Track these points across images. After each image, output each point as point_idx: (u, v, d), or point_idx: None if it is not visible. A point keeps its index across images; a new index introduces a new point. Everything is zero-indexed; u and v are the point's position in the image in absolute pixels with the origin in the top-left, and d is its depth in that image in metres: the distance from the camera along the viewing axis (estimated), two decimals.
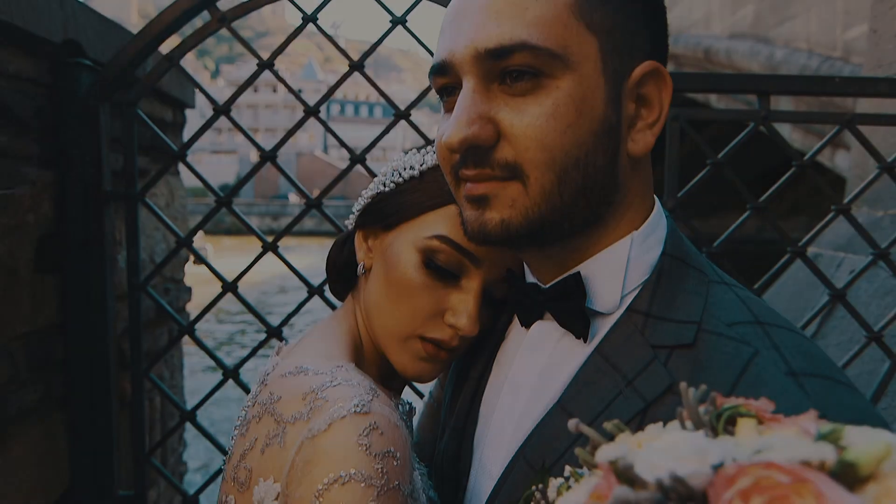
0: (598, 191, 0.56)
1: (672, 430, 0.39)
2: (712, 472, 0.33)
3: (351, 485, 0.57)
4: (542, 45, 0.52)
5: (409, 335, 0.71)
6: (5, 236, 1.16)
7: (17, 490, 1.23)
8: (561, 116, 0.53)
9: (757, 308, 0.57)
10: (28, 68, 1.23)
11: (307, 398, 0.63)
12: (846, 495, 0.30)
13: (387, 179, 0.76)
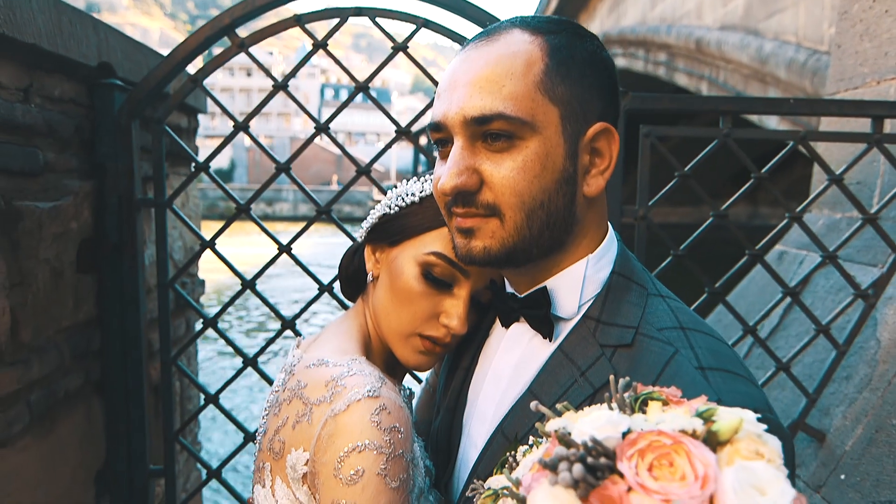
0: (559, 225, 0.72)
1: (602, 409, 0.55)
2: (621, 437, 0.49)
3: (366, 452, 0.72)
4: (514, 115, 0.68)
5: (410, 333, 0.86)
6: (54, 242, 1.31)
7: (65, 465, 1.39)
8: (529, 169, 0.69)
9: (682, 316, 0.73)
10: (69, 91, 1.37)
11: (329, 385, 0.78)
12: (707, 453, 0.47)
13: (392, 203, 0.89)
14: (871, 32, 1.94)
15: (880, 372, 1.56)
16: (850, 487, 1.46)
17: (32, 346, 1.26)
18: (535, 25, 0.73)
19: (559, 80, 0.69)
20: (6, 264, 1.17)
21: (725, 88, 9.31)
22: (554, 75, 0.69)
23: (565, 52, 0.70)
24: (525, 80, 0.69)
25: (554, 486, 0.47)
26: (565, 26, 0.73)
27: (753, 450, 0.48)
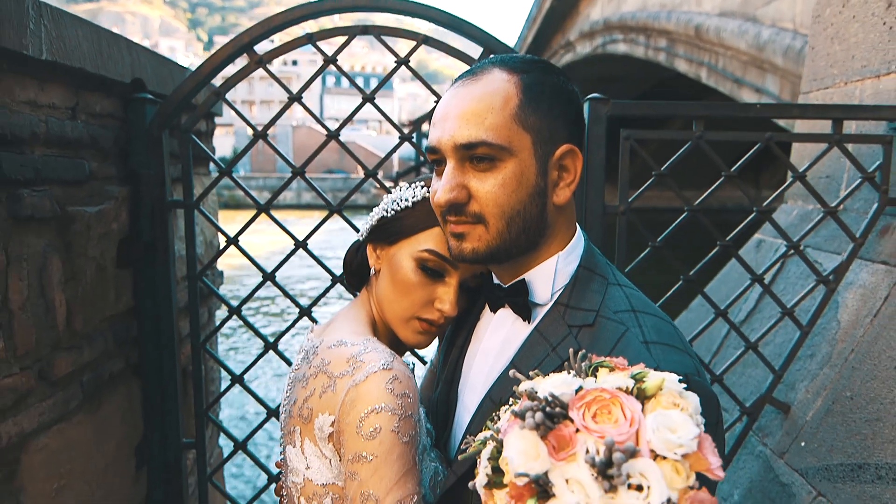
0: (533, 229, 0.88)
1: (562, 374, 0.72)
2: (574, 394, 0.66)
3: (382, 413, 0.89)
4: (495, 142, 0.84)
5: (410, 317, 1.02)
6: (99, 242, 1.48)
7: (111, 438, 1.57)
8: (508, 185, 0.85)
9: (635, 301, 0.89)
10: (108, 106, 1.54)
11: (350, 361, 0.95)
12: (635, 403, 0.64)
13: (388, 207, 1.04)
14: (840, 36, 2.08)
15: (839, 350, 1.72)
16: (809, 453, 1.63)
17: (83, 333, 1.44)
18: (512, 65, 0.89)
19: (531, 112, 0.85)
20: (62, 262, 1.35)
21: (724, 75, 9.41)
22: (526, 108, 0.85)
23: (536, 88, 0.86)
24: (503, 113, 0.85)
25: (522, 430, 0.64)
26: (537, 65, 0.89)
27: (672, 402, 0.65)
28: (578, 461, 0.60)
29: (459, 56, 1.63)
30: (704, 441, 0.63)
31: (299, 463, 0.98)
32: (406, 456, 0.89)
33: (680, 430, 0.63)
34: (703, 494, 0.60)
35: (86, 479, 1.46)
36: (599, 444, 0.60)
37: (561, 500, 0.60)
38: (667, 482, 0.58)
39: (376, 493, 0.87)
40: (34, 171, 1.25)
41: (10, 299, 1.19)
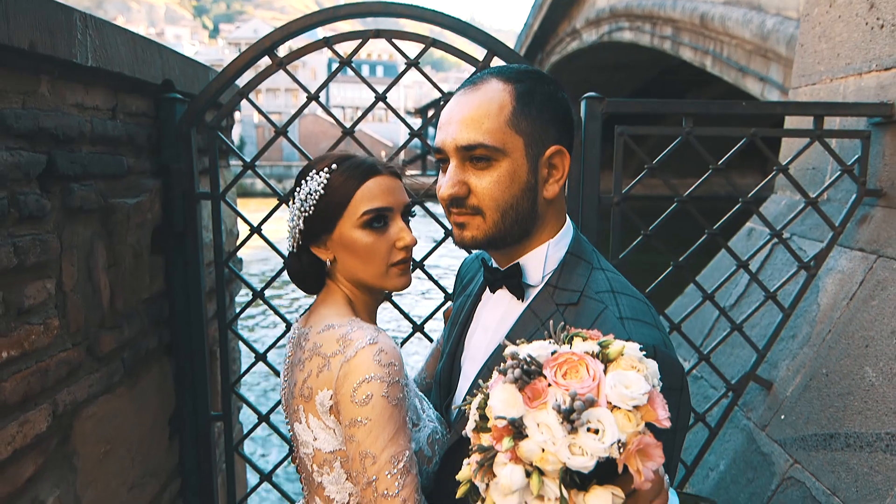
0: (524, 220, 1.01)
1: (541, 341, 0.85)
2: (549, 356, 0.80)
3: (372, 382, 1.00)
4: (491, 145, 0.97)
5: (385, 270, 1.12)
6: (136, 230, 1.62)
7: (148, 410, 1.73)
8: (502, 182, 0.98)
9: (614, 284, 1.02)
10: (141, 106, 1.67)
11: (339, 341, 1.04)
12: (598, 365, 0.77)
13: (306, 207, 1.10)
14: (826, 35, 2.19)
15: (818, 331, 1.85)
16: (787, 425, 1.77)
17: (123, 313, 1.58)
18: (508, 75, 1.01)
19: (523, 118, 0.98)
20: (105, 249, 1.49)
21: (729, 63, 9.45)
22: (519, 114, 0.98)
23: (528, 96, 0.99)
24: (499, 119, 0.97)
25: (504, 384, 0.78)
26: (530, 76, 1.02)
27: (630, 365, 0.78)
28: (548, 409, 0.74)
29: (464, 57, 1.76)
30: (655, 397, 0.76)
31: (307, 436, 1.10)
32: (396, 417, 1.01)
33: (633, 386, 0.76)
34: (648, 438, 0.73)
35: (127, 446, 1.61)
36: (565, 396, 0.74)
37: (532, 440, 0.74)
38: (619, 427, 0.72)
39: (373, 451, 0.99)
40: (82, 167, 1.39)
41: (64, 282, 1.34)
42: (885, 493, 1.38)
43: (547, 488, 0.75)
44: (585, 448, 0.73)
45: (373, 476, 0.99)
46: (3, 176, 1.15)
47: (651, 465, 0.76)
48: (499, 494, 0.78)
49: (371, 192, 1.10)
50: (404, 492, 0.99)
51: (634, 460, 0.75)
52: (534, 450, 0.75)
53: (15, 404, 1.19)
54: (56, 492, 1.32)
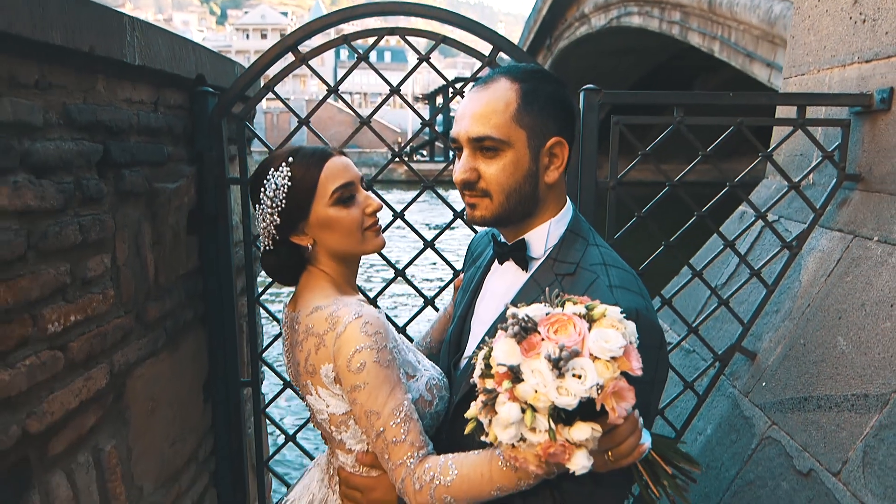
0: (526, 203, 1.17)
1: (538, 304, 1.02)
2: (544, 315, 0.96)
3: (363, 351, 1.13)
4: (497, 137, 1.12)
5: (362, 234, 1.25)
6: (175, 213, 1.80)
7: (185, 375, 1.91)
8: (507, 169, 1.14)
9: (606, 258, 1.18)
10: (178, 99, 1.84)
11: (328, 320, 1.17)
12: (583, 323, 0.94)
13: (277, 201, 1.21)
14: (814, 28, 2.31)
15: (798, 305, 2.01)
16: (768, 391, 1.93)
17: (165, 287, 1.76)
18: (515, 75, 1.16)
19: (526, 114, 1.14)
20: (150, 229, 1.66)
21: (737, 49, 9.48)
22: (523, 111, 1.14)
23: (531, 95, 1.14)
24: (504, 115, 1.13)
25: (505, 338, 0.95)
26: (535, 75, 1.17)
27: (610, 325, 0.94)
28: (540, 358, 0.91)
29: (472, 52, 1.91)
30: (630, 351, 0.93)
31: (320, 405, 1.26)
32: (390, 376, 1.16)
33: (612, 341, 0.93)
34: (622, 383, 0.90)
35: (169, 406, 1.80)
36: (555, 348, 0.90)
37: (527, 383, 0.91)
38: (598, 373, 0.89)
39: (376, 409, 1.15)
40: (131, 155, 1.56)
41: (117, 257, 1.51)
42: (849, 446, 1.55)
43: (538, 422, 0.92)
44: (570, 390, 0.90)
45: (380, 428, 1.15)
46: (70, 163, 1.32)
47: (624, 405, 0.93)
48: (499, 428, 0.95)
49: (333, 172, 1.23)
50: (410, 436, 1.15)
51: (610, 400, 0.92)
52: (528, 391, 0.92)
53: (80, 362, 1.37)
54: (112, 441, 1.51)
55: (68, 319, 1.33)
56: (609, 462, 1.00)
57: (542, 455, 0.93)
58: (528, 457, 0.96)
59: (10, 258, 1.16)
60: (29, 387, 1.21)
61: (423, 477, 1.13)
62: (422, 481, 1.13)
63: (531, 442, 0.93)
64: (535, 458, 0.95)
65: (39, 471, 1.27)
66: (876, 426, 1.50)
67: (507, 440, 0.94)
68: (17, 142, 1.18)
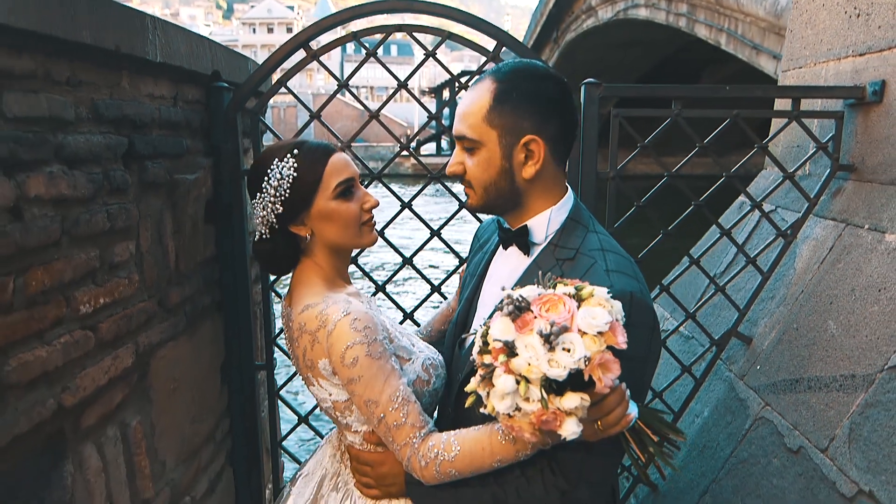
0: (506, 195, 1.24)
1: (532, 286, 1.09)
2: (537, 295, 1.04)
3: (355, 346, 1.19)
4: (471, 137, 1.21)
5: (359, 228, 1.33)
6: (194, 203, 1.88)
7: (203, 358, 2.00)
8: (481, 166, 1.22)
9: (605, 243, 1.26)
10: (195, 94, 1.92)
11: (318, 318, 1.23)
12: (573, 302, 1.02)
13: (281, 192, 1.27)
14: (812, 22, 2.37)
15: (792, 292, 2.07)
16: (762, 374, 2.00)
17: (184, 274, 1.85)
18: (497, 76, 1.23)
19: (496, 114, 1.21)
20: (171, 218, 1.75)
21: (743, 41, 9.48)
22: (493, 111, 1.20)
23: (504, 95, 1.20)
24: (477, 116, 1.21)
25: (501, 317, 1.03)
26: (516, 74, 1.22)
27: (598, 303, 1.02)
28: (533, 334, 0.99)
29: (477, 48, 1.98)
30: (616, 327, 1.00)
31: (324, 394, 1.34)
32: (383, 366, 1.23)
33: (598, 318, 1.00)
34: (608, 356, 0.98)
35: (188, 386, 1.89)
36: (546, 324, 0.98)
37: (521, 357, 0.99)
38: (585, 347, 0.97)
39: (373, 398, 1.22)
40: (153, 148, 1.64)
41: (141, 244, 1.60)
42: (836, 424, 1.62)
43: (531, 392, 1.00)
44: (560, 362, 0.98)
45: (381, 414, 1.23)
46: (98, 155, 1.41)
47: (610, 375, 1.01)
48: (497, 399, 1.03)
49: (336, 167, 1.30)
50: (409, 418, 1.23)
51: (597, 371, 0.99)
52: (522, 364, 1.00)
53: (109, 342, 1.47)
54: (138, 417, 1.60)
55: (98, 301, 1.42)
56: (599, 431, 1.08)
57: (535, 423, 1.01)
58: (523, 425, 1.04)
59: (47, 243, 1.25)
60: (64, 363, 1.30)
61: (427, 454, 1.21)
62: (427, 458, 1.21)
63: (525, 411, 1.00)
64: (530, 427, 1.03)
65: (73, 442, 1.36)
66: (862, 404, 1.57)
67: (504, 410, 1.02)
68: (52, 135, 1.27)
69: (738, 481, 1.87)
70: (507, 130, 1.21)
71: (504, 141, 1.22)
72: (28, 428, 1.21)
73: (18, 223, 1.18)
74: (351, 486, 1.41)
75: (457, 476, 1.21)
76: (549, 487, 1.19)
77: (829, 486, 1.55)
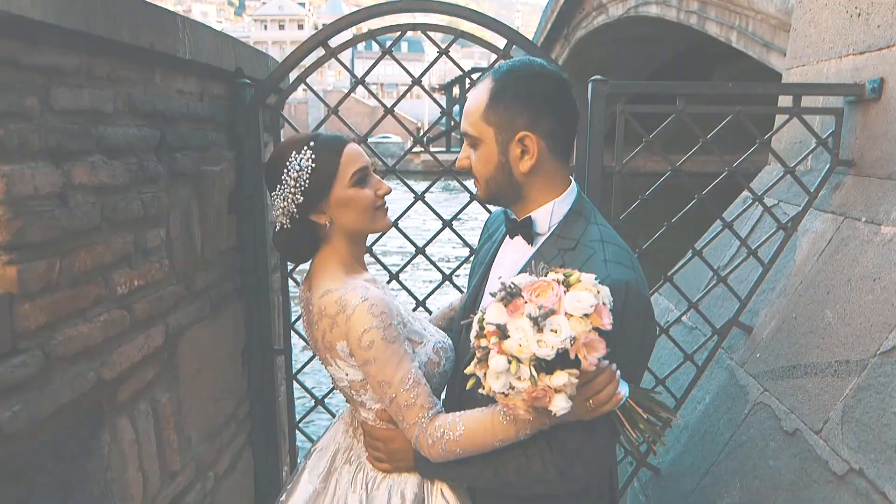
0: (506, 188, 1.32)
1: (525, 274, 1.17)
2: (528, 282, 1.12)
3: (371, 330, 1.26)
4: (472, 134, 1.29)
5: (373, 213, 1.40)
6: (218, 193, 1.98)
7: (226, 341, 2.11)
8: (480, 161, 1.30)
9: (604, 235, 1.33)
10: (220, 90, 2.02)
11: (338, 302, 1.30)
12: (561, 288, 1.10)
13: (301, 182, 1.33)
14: (815, 21, 2.43)
15: (792, 283, 2.14)
16: (761, 361, 2.08)
17: (209, 261, 1.95)
18: (496, 76, 1.30)
19: (492, 112, 1.28)
20: (197, 207, 1.85)
21: (754, 39, 9.48)
22: (489, 109, 1.28)
23: (500, 94, 1.28)
24: (476, 114, 1.30)
25: (495, 303, 1.11)
26: (513, 73, 1.29)
27: (584, 288, 1.09)
28: (523, 317, 1.06)
29: (488, 46, 2.06)
30: (602, 309, 1.08)
31: (341, 374, 1.42)
32: (396, 349, 1.30)
33: (584, 301, 1.08)
34: (593, 336, 1.06)
35: (212, 367, 1.99)
36: (535, 308, 1.06)
37: (512, 338, 1.07)
38: (572, 328, 1.04)
39: (387, 379, 1.30)
40: (182, 141, 1.74)
41: (171, 231, 1.70)
42: (830, 407, 1.69)
43: (522, 371, 1.08)
44: (548, 342, 1.05)
45: (392, 395, 1.32)
46: (134, 146, 1.51)
47: (595, 354, 1.08)
48: (492, 378, 1.11)
49: (351, 157, 1.38)
50: (419, 399, 1.31)
51: (582, 350, 1.07)
52: (513, 345, 1.07)
53: (142, 322, 1.57)
54: (167, 394, 1.70)
55: (133, 284, 1.52)
56: (591, 409, 1.15)
57: (528, 400, 1.08)
58: (518, 403, 1.11)
59: (89, 228, 1.35)
60: (103, 340, 1.40)
61: (434, 433, 1.30)
62: (434, 437, 1.30)
63: (518, 389, 1.08)
64: (524, 404, 1.10)
65: (110, 414, 1.46)
66: (855, 388, 1.64)
67: (499, 389, 1.10)
68: (94, 127, 1.37)
69: (737, 463, 1.94)
70: (502, 127, 1.28)
71: (500, 137, 1.29)
72: (71, 398, 1.31)
73: (65, 208, 1.28)
74: (363, 460, 1.50)
75: (461, 454, 1.30)
76: (548, 465, 1.26)
77: (822, 465, 1.63)
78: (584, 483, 1.32)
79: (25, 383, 1.18)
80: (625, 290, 1.20)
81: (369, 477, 1.46)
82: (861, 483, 1.49)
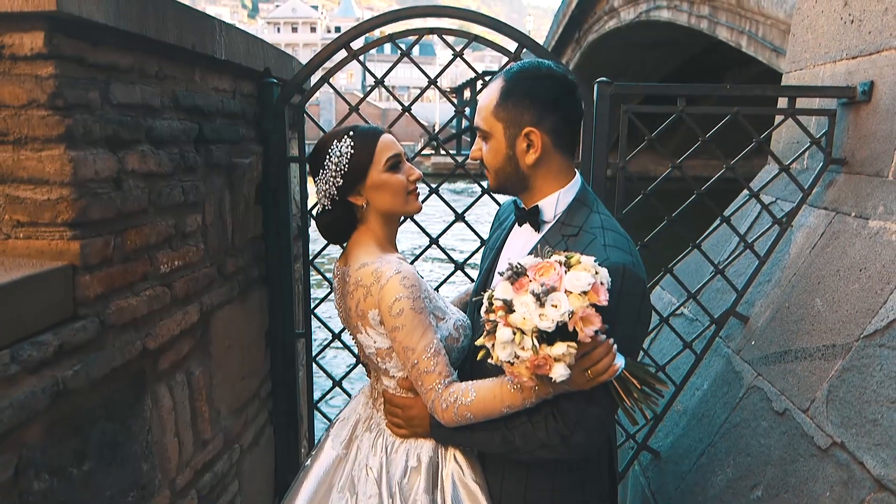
0: (513, 179, 1.45)
1: (531, 256, 1.30)
2: (534, 263, 1.25)
3: (402, 299, 1.39)
4: (483, 128, 1.43)
5: (405, 196, 1.53)
6: (247, 184, 2.13)
7: (252, 324, 2.25)
8: (490, 153, 1.44)
9: (605, 223, 1.46)
10: (250, 88, 2.17)
11: (374, 274, 1.43)
12: (563, 268, 1.23)
13: (342, 166, 1.48)
14: (812, 27, 2.54)
15: (786, 275, 2.26)
16: (756, 348, 2.19)
17: (238, 247, 2.10)
18: (506, 76, 1.43)
19: (501, 109, 1.42)
20: (229, 197, 2.00)
21: (764, 44, 9.55)
22: (499, 106, 1.42)
23: (507, 93, 1.41)
24: (488, 110, 1.43)
25: (503, 281, 1.24)
26: (522, 74, 1.42)
27: (583, 269, 1.22)
28: (527, 294, 1.20)
29: (500, 50, 2.20)
30: (599, 287, 1.20)
31: (369, 342, 1.55)
32: (423, 319, 1.42)
33: (582, 280, 1.21)
34: (590, 311, 1.19)
35: (240, 346, 2.14)
36: (538, 286, 1.19)
37: (517, 313, 1.20)
38: (570, 303, 1.17)
39: (411, 345, 1.42)
40: (217, 134, 1.89)
41: (206, 217, 1.85)
42: (817, 387, 1.81)
43: (526, 342, 1.21)
44: (549, 316, 1.19)
45: (414, 360, 1.45)
46: (176, 138, 1.66)
47: (591, 327, 1.21)
48: (499, 348, 1.24)
49: (386, 145, 1.53)
50: (438, 367, 1.45)
51: (579, 323, 1.20)
52: (518, 318, 1.21)
53: (180, 299, 1.71)
54: (200, 367, 1.85)
55: (173, 264, 1.67)
56: (590, 379, 1.28)
57: (530, 367, 1.21)
58: (522, 371, 1.24)
59: (138, 210, 1.50)
60: (148, 312, 1.55)
61: (448, 399, 1.44)
62: (447, 402, 1.44)
63: (522, 358, 1.21)
64: (527, 371, 1.23)
65: (152, 381, 1.61)
66: (839, 369, 1.76)
67: (505, 358, 1.23)
68: (143, 120, 1.51)
69: (731, 443, 2.06)
70: (510, 123, 1.42)
71: (508, 132, 1.42)
72: (121, 363, 1.46)
73: (119, 192, 1.43)
74: (382, 427, 1.64)
75: (472, 419, 1.43)
76: (552, 432, 1.39)
77: (808, 440, 1.74)
78: (585, 450, 1.44)
79: (84, 346, 1.33)
80: (622, 272, 1.32)
81: (388, 442, 1.60)
82: (842, 455, 1.61)
